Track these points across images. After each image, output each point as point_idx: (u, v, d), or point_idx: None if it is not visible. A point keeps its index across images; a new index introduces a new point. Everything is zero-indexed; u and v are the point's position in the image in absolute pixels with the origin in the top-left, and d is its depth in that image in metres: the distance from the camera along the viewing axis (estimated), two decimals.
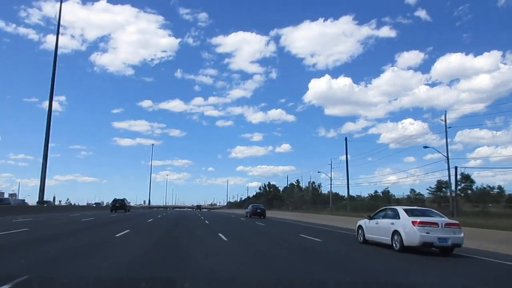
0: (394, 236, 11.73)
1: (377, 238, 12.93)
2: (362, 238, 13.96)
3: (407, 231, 11.20)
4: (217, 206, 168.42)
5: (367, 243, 13.56)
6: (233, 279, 6.72)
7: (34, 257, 8.35)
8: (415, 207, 13.67)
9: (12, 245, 10.44)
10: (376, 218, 13.26)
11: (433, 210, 13.54)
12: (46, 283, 5.97)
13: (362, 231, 13.99)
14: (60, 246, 10.60)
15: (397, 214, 12.06)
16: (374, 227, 13.15)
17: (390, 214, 12.53)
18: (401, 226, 11.50)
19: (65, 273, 6.65)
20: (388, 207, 14.07)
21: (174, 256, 9.13)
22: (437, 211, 13.02)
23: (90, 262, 7.87)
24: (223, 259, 9.18)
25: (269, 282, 6.59)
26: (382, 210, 13.60)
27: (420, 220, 11.18)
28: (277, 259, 9.57)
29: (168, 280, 6.28)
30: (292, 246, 13.12)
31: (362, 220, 14.37)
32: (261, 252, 11.00)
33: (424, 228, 10.99)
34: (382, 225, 12.58)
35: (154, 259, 8.69)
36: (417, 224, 11.06)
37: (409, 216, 11.60)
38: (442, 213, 12.91)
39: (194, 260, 8.73)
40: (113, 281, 6.14)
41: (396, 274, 8.17)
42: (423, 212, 12.49)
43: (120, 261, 8.28)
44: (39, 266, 7.28)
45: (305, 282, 6.84)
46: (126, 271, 7.12)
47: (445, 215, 12.79)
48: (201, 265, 8.03)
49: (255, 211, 39.16)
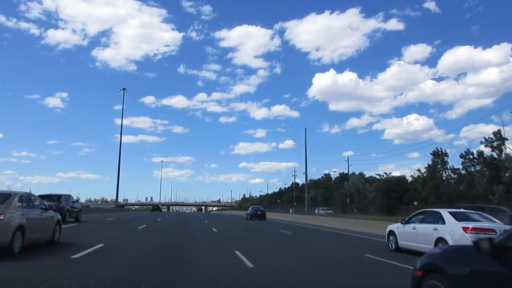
0: (438, 244, 9.96)
1: (414, 246, 11.17)
2: (394, 245, 12.24)
3: (457, 239, 9.47)
4: (222, 204, 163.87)
5: (400, 251, 11.78)
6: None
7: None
8: (461, 210, 11.86)
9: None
10: (412, 223, 11.58)
11: (482, 213, 11.91)
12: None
13: (395, 237, 12.27)
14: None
15: (440, 218, 10.48)
16: (410, 233, 11.44)
17: (431, 218, 10.94)
18: (447, 233, 9.85)
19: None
20: (427, 209, 12.41)
21: None
22: (487, 214, 11.38)
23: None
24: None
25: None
26: (419, 213, 11.95)
27: (474, 226, 9.54)
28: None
29: None
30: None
31: (394, 225, 12.67)
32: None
33: (479, 235, 9.00)
34: (422, 231, 10.93)
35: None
36: (469, 231, 9.42)
37: (457, 221, 9.98)
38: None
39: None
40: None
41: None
42: (470, 216, 10.76)
43: None
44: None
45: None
46: None
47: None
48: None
49: (255, 213, 38.56)
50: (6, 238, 7.71)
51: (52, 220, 10.34)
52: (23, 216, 8.45)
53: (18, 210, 8.38)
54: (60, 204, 20.44)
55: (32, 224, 8.78)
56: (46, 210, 10.15)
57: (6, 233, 7.72)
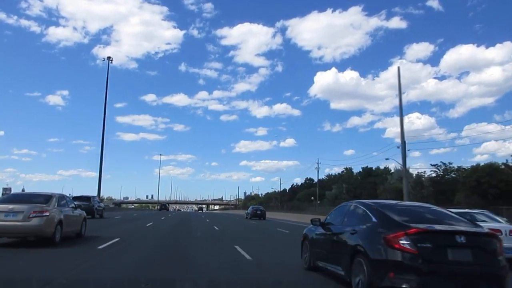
0: None
1: None
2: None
3: None
4: (225, 202, 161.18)
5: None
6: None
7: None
8: (466, 211, 11.59)
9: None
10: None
11: (486, 212, 11.97)
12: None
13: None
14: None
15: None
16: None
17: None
18: None
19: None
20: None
21: None
22: (489, 213, 11.49)
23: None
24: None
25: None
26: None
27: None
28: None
29: None
30: None
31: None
32: None
33: None
34: None
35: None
36: None
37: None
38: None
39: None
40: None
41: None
42: (475, 216, 10.40)
43: None
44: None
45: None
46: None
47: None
48: None
49: (255, 213, 39.78)
50: (51, 230, 9.82)
51: (80, 217, 12.44)
52: (61, 213, 10.55)
53: (57, 208, 10.47)
54: (90, 204, 23.92)
55: (67, 219, 10.86)
56: (75, 208, 12.26)
57: (51, 226, 9.82)
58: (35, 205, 9.74)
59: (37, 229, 9.54)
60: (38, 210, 9.58)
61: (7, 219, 9.39)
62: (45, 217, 9.62)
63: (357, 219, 6.19)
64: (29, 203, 9.86)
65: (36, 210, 9.55)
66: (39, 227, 9.51)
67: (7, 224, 9.39)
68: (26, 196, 11.00)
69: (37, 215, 9.50)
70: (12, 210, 9.50)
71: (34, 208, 9.58)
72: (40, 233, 9.67)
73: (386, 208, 5.95)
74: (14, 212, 9.46)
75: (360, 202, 6.70)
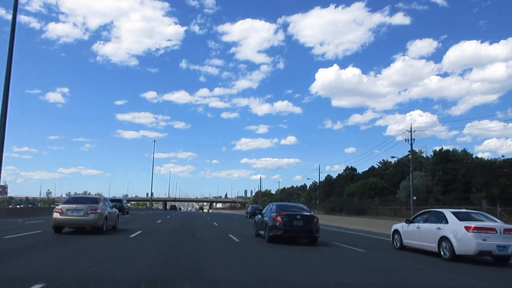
0: (441, 243, 10.61)
1: (418, 245, 11.89)
2: (399, 244, 12.95)
3: (460, 237, 10.03)
4: (231, 200, 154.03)
5: (405, 249, 12.70)
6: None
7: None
8: (463, 210, 12.19)
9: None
10: (417, 222, 12.19)
11: (483, 212, 12.44)
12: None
13: (399, 236, 13.00)
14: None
15: (443, 218, 10.97)
16: (414, 232, 12.07)
17: (435, 218, 11.45)
18: (450, 232, 10.36)
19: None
20: (431, 209, 13.19)
21: None
22: (488, 214, 12.01)
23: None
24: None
25: None
26: (423, 213, 12.50)
27: (475, 226, 9.98)
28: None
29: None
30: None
31: (399, 224, 13.48)
32: None
33: (480, 234, 9.78)
34: (425, 230, 11.50)
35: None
36: (471, 230, 9.87)
37: (460, 220, 10.42)
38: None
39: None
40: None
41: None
42: (472, 215, 11.10)
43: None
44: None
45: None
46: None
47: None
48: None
49: (254, 212, 40.58)
50: (101, 223, 14.39)
51: (115, 214, 17.00)
52: (106, 211, 15.11)
53: (103, 208, 15.01)
54: (122, 204, 32.31)
55: (108, 215, 15.40)
56: (112, 208, 16.85)
57: (101, 220, 14.38)
58: (91, 205, 14.31)
59: (93, 222, 14.11)
60: (93, 208, 14.15)
61: (73, 214, 13.99)
62: (98, 213, 14.19)
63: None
64: (86, 203, 14.41)
65: (92, 208, 14.11)
66: (94, 220, 14.09)
67: (73, 218, 13.99)
68: (82, 199, 15.66)
69: (92, 212, 14.06)
70: (76, 209, 14.07)
71: (91, 207, 14.15)
72: (95, 224, 14.22)
73: (280, 206, 14.78)
74: (77, 210, 14.04)
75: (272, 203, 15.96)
